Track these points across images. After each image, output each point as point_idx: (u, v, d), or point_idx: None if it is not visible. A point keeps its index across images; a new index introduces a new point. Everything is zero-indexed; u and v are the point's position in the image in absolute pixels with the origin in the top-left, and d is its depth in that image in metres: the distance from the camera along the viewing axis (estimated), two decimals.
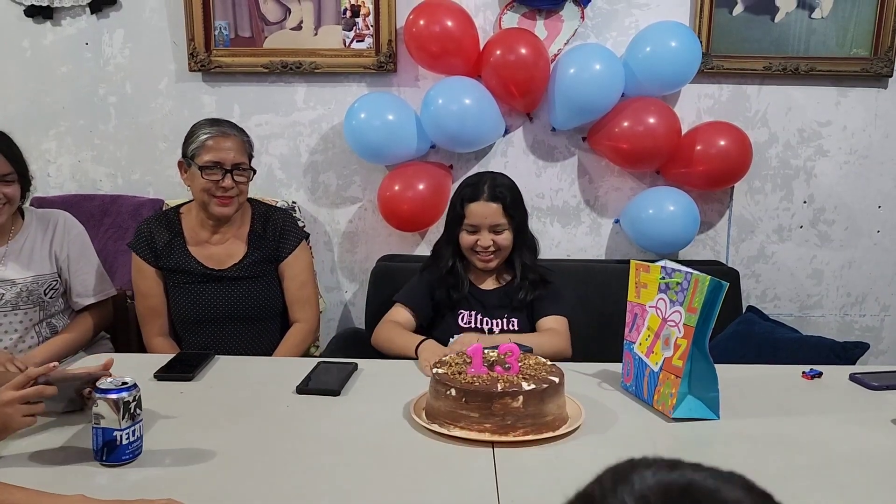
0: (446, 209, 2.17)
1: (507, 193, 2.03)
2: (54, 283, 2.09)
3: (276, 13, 2.68)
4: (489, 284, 2.10)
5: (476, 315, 2.04)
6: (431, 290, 2.08)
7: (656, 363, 1.54)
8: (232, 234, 2.15)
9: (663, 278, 1.56)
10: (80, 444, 1.33)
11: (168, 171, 2.79)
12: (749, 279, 2.84)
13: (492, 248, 2.01)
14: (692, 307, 1.47)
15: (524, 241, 2.07)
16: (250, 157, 2.13)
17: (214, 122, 2.11)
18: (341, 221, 2.84)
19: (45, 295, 2.07)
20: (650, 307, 1.59)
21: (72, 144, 2.81)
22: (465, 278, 2.08)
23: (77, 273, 2.13)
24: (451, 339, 2.02)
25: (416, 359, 1.83)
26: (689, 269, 1.51)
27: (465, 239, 2.03)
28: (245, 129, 2.17)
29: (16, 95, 2.77)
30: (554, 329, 2.00)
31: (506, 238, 2.02)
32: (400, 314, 2.06)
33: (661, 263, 1.59)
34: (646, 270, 1.62)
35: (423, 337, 1.91)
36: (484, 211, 2.00)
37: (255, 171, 2.13)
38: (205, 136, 2.05)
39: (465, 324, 2.04)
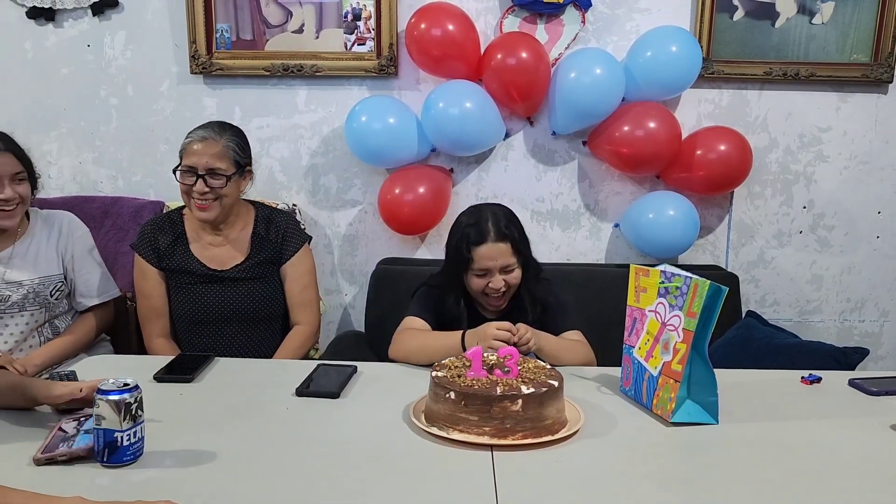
0: (445, 249, 2.01)
1: (513, 230, 1.92)
2: (60, 284, 2.09)
3: (277, 16, 2.69)
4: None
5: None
6: (439, 309, 1.98)
7: (655, 367, 1.54)
8: (234, 236, 2.16)
9: (663, 283, 1.56)
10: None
11: (169, 174, 2.74)
12: (749, 284, 2.84)
13: (503, 289, 1.92)
14: (691, 311, 1.47)
15: (530, 272, 1.97)
16: (237, 161, 2.07)
17: (204, 126, 2.11)
18: (341, 224, 2.84)
19: (51, 296, 2.07)
20: (649, 311, 1.59)
21: (73, 146, 2.81)
22: (467, 319, 1.97)
23: (81, 273, 2.14)
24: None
25: (464, 350, 1.74)
26: (689, 274, 1.51)
27: (476, 283, 1.92)
28: (244, 131, 2.17)
29: (17, 96, 2.78)
30: (580, 341, 1.95)
31: (516, 276, 1.92)
32: (416, 323, 1.95)
33: (661, 268, 1.59)
34: (645, 275, 1.62)
35: (462, 331, 1.81)
36: (494, 253, 1.88)
37: (236, 174, 2.06)
38: (188, 140, 2.07)
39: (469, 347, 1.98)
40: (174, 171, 2.08)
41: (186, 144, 2.07)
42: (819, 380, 1.75)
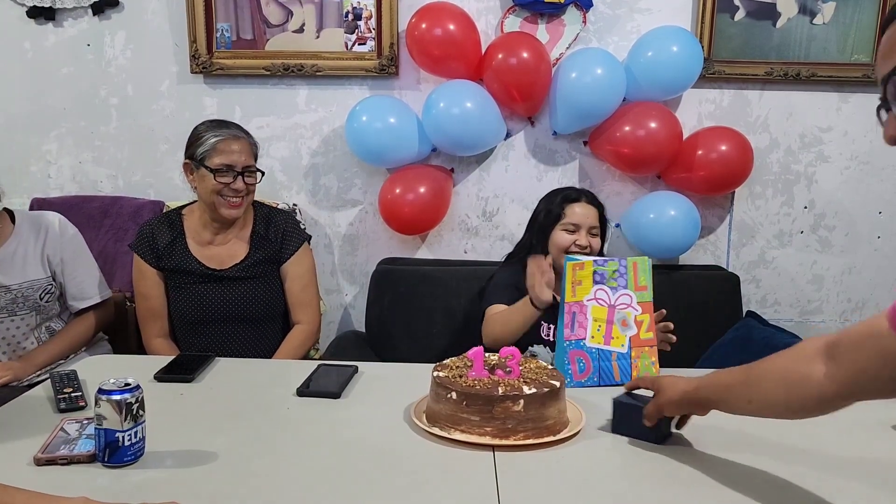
0: (530, 219, 2.22)
1: (601, 205, 2.16)
2: (49, 286, 2.06)
3: (278, 16, 2.69)
4: None
5: (553, 328, 1.99)
6: (519, 289, 2.01)
7: (622, 345, 1.66)
8: (234, 235, 2.16)
9: (596, 270, 1.66)
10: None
11: (169, 174, 2.80)
12: (749, 284, 2.84)
13: (588, 250, 2.05)
14: (640, 286, 1.65)
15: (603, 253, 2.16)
16: (256, 158, 2.14)
17: (221, 124, 2.11)
18: (342, 224, 2.84)
19: (41, 299, 2.05)
20: (588, 301, 1.67)
21: (73, 146, 2.81)
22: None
23: (72, 276, 2.11)
24: (529, 348, 2.00)
25: (538, 309, 1.85)
26: (620, 257, 1.68)
27: (562, 238, 2.07)
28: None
29: (17, 96, 2.77)
30: None
31: (598, 244, 2.09)
32: (495, 309, 2.01)
33: (592, 258, 1.71)
34: (581, 268, 1.69)
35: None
36: (585, 211, 2.10)
37: (263, 173, 2.14)
38: (215, 139, 2.05)
39: (545, 335, 2.02)
40: (196, 167, 2.06)
41: (217, 143, 2.04)
42: None
